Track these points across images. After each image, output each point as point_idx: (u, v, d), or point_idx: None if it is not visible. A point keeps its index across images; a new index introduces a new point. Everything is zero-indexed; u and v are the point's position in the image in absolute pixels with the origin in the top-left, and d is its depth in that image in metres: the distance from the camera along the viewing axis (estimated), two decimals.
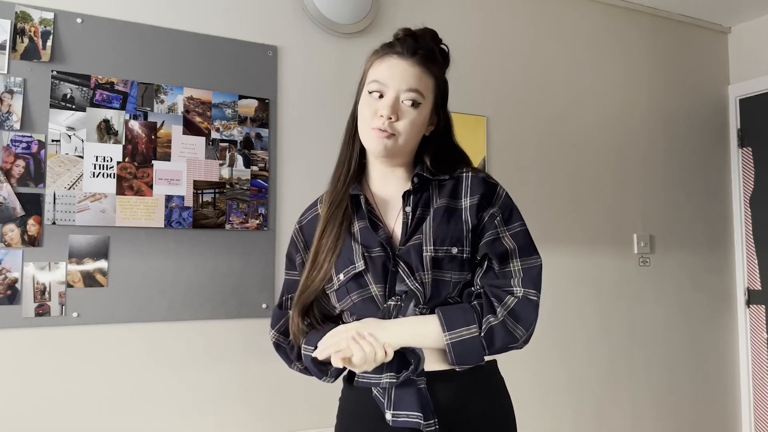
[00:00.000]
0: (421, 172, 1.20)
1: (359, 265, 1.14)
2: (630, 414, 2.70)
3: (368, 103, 1.17)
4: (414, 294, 1.12)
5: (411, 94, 1.14)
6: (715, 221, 3.02)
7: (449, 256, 1.13)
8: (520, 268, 1.15)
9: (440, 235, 1.13)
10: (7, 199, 1.68)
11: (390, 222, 1.21)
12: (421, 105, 1.16)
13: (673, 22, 2.98)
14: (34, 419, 1.69)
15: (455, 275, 1.14)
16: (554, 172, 2.60)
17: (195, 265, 1.89)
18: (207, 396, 1.90)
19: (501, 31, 2.53)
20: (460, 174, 1.21)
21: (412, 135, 1.16)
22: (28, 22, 1.74)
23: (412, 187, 1.19)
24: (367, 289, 1.15)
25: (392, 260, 1.14)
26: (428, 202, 1.19)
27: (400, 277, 1.13)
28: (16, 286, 1.68)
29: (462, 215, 1.16)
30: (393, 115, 1.13)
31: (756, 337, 2.96)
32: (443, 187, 1.20)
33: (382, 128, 1.13)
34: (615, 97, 2.78)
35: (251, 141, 2.00)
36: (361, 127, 1.18)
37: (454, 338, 1.08)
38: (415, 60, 1.15)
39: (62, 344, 1.73)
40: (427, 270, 1.12)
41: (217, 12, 2.00)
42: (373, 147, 1.16)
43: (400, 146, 1.15)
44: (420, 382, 1.12)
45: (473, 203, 1.17)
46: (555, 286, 2.53)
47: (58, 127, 1.75)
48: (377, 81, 1.15)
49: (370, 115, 1.15)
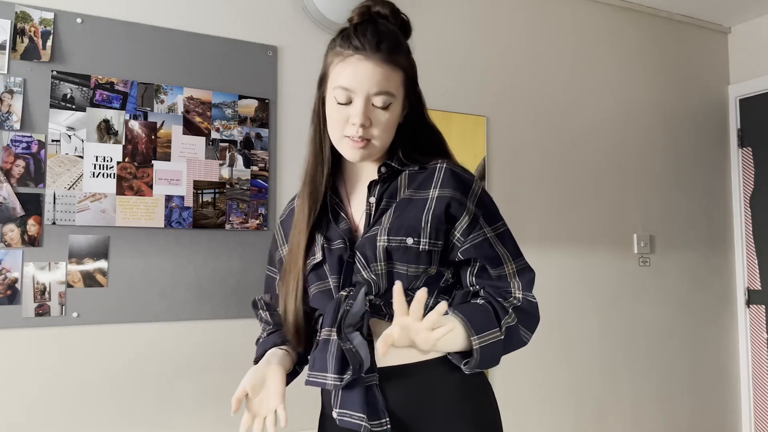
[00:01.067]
0: (389, 161, 1.15)
1: (317, 256, 1.11)
2: (630, 414, 2.70)
3: (337, 110, 1.10)
4: (367, 283, 1.07)
5: (381, 98, 1.08)
6: (715, 221, 3.02)
7: (403, 246, 1.06)
8: (515, 271, 1.12)
9: (396, 226, 1.08)
10: (7, 199, 1.68)
11: (357, 213, 1.17)
12: (393, 104, 1.10)
13: (673, 22, 2.98)
14: (34, 419, 1.69)
15: (411, 268, 1.07)
16: (554, 172, 2.60)
17: (195, 265, 1.89)
18: (207, 396, 1.90)
19: (501, 31, 2.53)
20: (434, 165, 1.15)
21: (388, 136, 1.12)
22: (28, 22, 1.74)
23: (379, 177, 1.15)
24: (326, 281, 1.11)
25: (348, 251, 1.10)
26: (395, 192, 1.14)
27: (357, 268, 1.08)
28: (16, 286, 1.68)
29: (425, 205, 1.09)
30: (366, 122, 1.08)
31: (756, 337, 2.95)
32: (414, 178, 1.15)
33: (355, 138, 1.08)
34: (615, 97, 2.78)
35: (251, 141, 2.00)
36: (333, 135, 1.13)
37: (484, 342, 1.02)
38: (379, 58, 1.07)
39: (62, 344, 1.73)
40: (380, 261, 1.06)
41: (217, 12, 2.00)
42: (350, 156, 1.12)
43: (377, 149, 1.12)
44: (370, 379, 1.06)
45: (442, 195, 1.10)
46: (555, 286, 2.53)
47: (58, 127, 1.75)
48: (343, 88, 1.08)
49: (341, 122, 1.10)
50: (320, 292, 1.12)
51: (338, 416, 1.06)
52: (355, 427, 1.03)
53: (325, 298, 1.11)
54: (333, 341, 1.05)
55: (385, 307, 1.09)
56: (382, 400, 1.06)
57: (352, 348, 1.03)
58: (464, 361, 1.05)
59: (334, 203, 1.17)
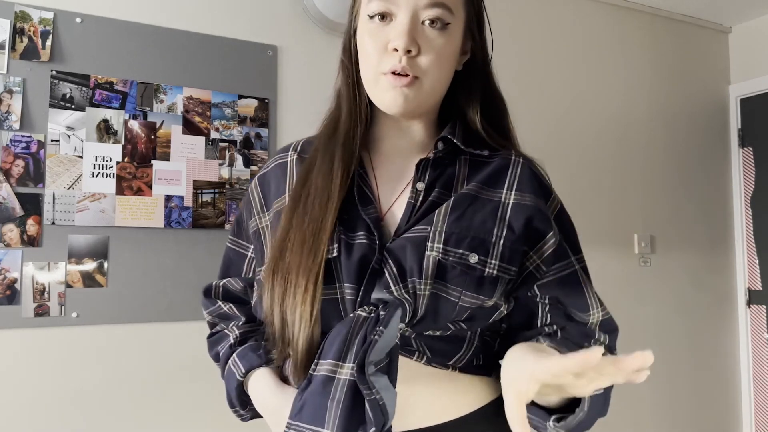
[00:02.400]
0: (450, 135, 0.83)
1: (333, 248, 0.76)
2: (630, 414, 2.69)
3: (371, 34, 0.79)
4: (401, 305, 0.73)
5: (435, 11, 0.77)
6: (716, 221, 3.02)
7: (463, 264, 0.74)
8: (600, 321, 0.83)
9: (457, 232, 0.76)
10: (6, 199, 1.68)
11: (389, 198, 0.83)
12: (451, 26, 0.79)
13: (673, 21, 2.97)
14: (33, 419, 1.68)
15: (467, 297, 0.75)
16: (554, 172, 2.57)
17: (195, 265, 1.89)
18: (207, 396, 1.89)
19: (501, 31, 2.52)
20: (508, 156, 0.84)
21: (443, 74, 0.80)
22: (27, 21, 1.73)
23: (434, 155, 0.82)
24: (334, 287, 0.76)
25: (378, 253, 0.76)
26: (451, 181, 0.82)
27: (385, 280, 0.74)
28: (15, 286, 1.68)
29: (498, 212, 0.79)
30: (413, 46, 0.76)
31: (756, 338, 2.95)
32: (478, 167, 0.83)
33: (399, 71, 0.76)
34: (615, 97, 2.78)
35: (251, 141, 2.00)
36: (366, 74, 0.81)
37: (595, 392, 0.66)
38: None
39: (62, 344, 1.72)
40: (426, 278, 0.73)
41: (217, 12, 2.00)
42: (389, 102, 0.79)
43: (427, 94, 0.79)
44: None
45: (522, 202, 0.80)
46: None
47: (57, 126, 1.75)
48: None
49: (378, 51, 0.78)
50: (323, 301, 0.75)
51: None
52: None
53: (329, 312, 0.76)
54: (340, 382, 0.70)
55: (417, 341, 0.77)
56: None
57: (378, 398, 0.68)
58: (557, 417, 0.72)
59: (359, 177, 0.83)
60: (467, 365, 0.80)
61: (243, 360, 0.84)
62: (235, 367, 0.85)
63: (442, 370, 0.79)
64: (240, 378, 0.83)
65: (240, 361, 0.85)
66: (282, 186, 0.86)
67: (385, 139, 0.87)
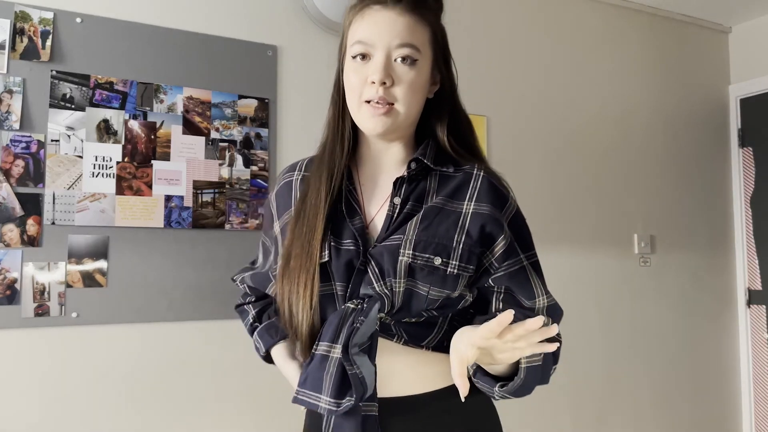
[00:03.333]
0: (422, 157, 0.99)
1: (324, 254, 0.94)
2: (630, 414, 2.69)
3: (355, 70, 0.96)
4: (380, 299, 0.92)
5: (405, 50, 0.93)
6: (716, 221, 3.02)
7: (429, 266, 0.92)
8: (545, 306, 0.99)
9: (424, 240, 0.93)
10: (6, 199, 1.68)
11: (372, 210, 1.01)
12: (419, 62, 0.95)
13: (673, 21, 2.97)
14: (33, 419, 1.68)
15: (434, 291, 0.93)
16: (554, 172, 2.59)
17: (195, 265, 1.89)
18: (207, 396, 1.89)
19: (501, 31, 2.52)
20: (470, 170, 1.01)
21: (414, 102, 0.97)
22: (27, 21, 1.74)
23: (407, 173, 0.99)
24: (329, 285, 0.95)
25: (362, 257, 0.94)
26: (423, 195, 0.99)
27: (368, 279, 0.93)
28: (15, 286, 1.68)
29: (459, 221, 0.95)
30: (387, 79, 0.93)
31: (756, 338, 2.95)
32: (445, 182, 1.00)
33: (376, 100, 0.93)
34: (615, 97, 2.78)
35: (251, 141, 2.00)
36: (352, 103, 0.98)
37: (530, 363, 0.88)
38: (402, 7, 0.94)
39: (62, 344, 1.72)
40: (400, 277, 0.91)
41: (217, 12, 2.00)
42: (370, 127, 0.96)
43: (402, 119, 0.96)
44: (369, 409, 0.91)
45: (479, 212, 0.96)
46: (555, 286, 2.51)
47: (57, 126, 1.75)
48: (360, 41, 0.95)
49: (360, 84, 0.95)
50: (321, 296, 0.96)
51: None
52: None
53: (326, 304, 0.96)
54: (333, 359, 0.89)
55: (396, 327, 0.96)
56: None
57: (357, 373, 0.88)
58: (500, 384, 0.92)
59: (348, 192, 1.01)
60: (438, 345, 0.98)
61: (262, 340, 1.09)
62: (258, 344, 1.10)
63: (417, 349, 0.97)
64: (263, 354, 1.09)
65: (261, 340, 1.09)
66: (288, 202, 1.05)
67: (370, 158, 1.04)
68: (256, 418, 1.95)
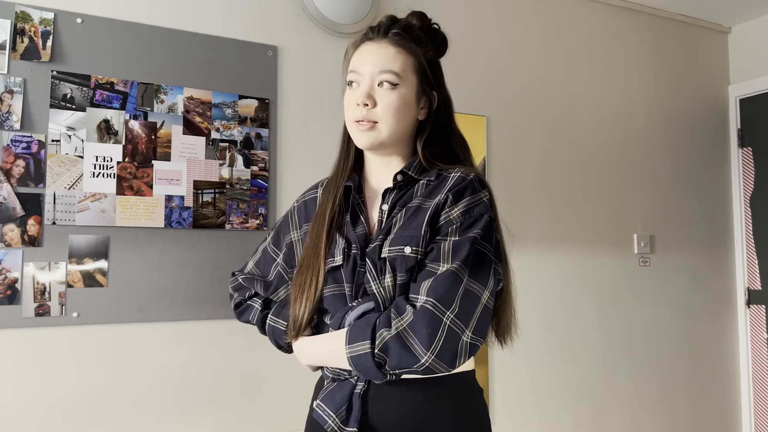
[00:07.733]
0: (407, 169, 1.12)
1: (337, 259, 1.09)
2: (630, 414, 2.70)
3: (348, 95, 1.12)
4: (374, 298, 1.05)
5: (385, 76, 1.08)
6: (715, 221, 3.02)
7: (401, 256, 1.04)
8: (443, 273, 1.00)
9: (400, 235, 1.06)
10: (7, 199, 1.68)
11: (374, 218, 1.15)
12: (399, 85, 1.08)
13: (673, 21, 2.98)
14: (33, 419, 1.69)
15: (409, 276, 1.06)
16: (554, 172, 2.60)
17: (195, 265, 1.89)
18: (207, 396, 1.90)
19: (501, 31, 2.53)
20: (448, 174, 1.11)
21: (396, 120, 1.09)
22: (28, 22, 1.74)
23: (394, 185, 1.12)
24: (341, 285, 1.09)
25: (360, 260, 1.09)
26: (409, 200, 1.12)
27: (367, 278, 1.07)
28: (16, 286, 1.68)
29: (427, 214, 1.06)
30: (369, 101, 1.08)
31: (756, 338, 2.95)
32: (427, 187, 1.12)
33: (360, 119, 1.08)
34: (615, 97, 2.78)
35: (251, 141, 2.00)
36: (347, 123, 1.14)
37: (353, 353, 1.00)
38: (387, 40, 1.10)
39: (62, 344, 1.73)
40: (387, 273, 1.04)
41: (217, 12, 2.00)
42: (358, 141, 1.12)
43: (385, 135, 1.09)
44: (358, 385, 1.07)
45: (438, 201, 1.07)
46: (555, 286, 2.53)
47: (58, 127, 1.75)
48: (352, 71, 1.11)
49: (351, 107, 1.11)
50: (333, 296, 1.10)
51: (316, 406, 1.09)
52: (322, 422, 1.06)
53: (338, 302, 1.10)
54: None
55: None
56: (358, 410, 1.04)
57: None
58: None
59: (356, 204, 1.16)
60: None
61: (281, 318, 1.21)
62: (276, 325, 1.21)
63: None
64: (283, 328, 1.19)
65: (279, 319, 1.21)
66: (311, 215, 1.22)
67: (374, 173, 1.19)
68: (256, 417, 1.96)
